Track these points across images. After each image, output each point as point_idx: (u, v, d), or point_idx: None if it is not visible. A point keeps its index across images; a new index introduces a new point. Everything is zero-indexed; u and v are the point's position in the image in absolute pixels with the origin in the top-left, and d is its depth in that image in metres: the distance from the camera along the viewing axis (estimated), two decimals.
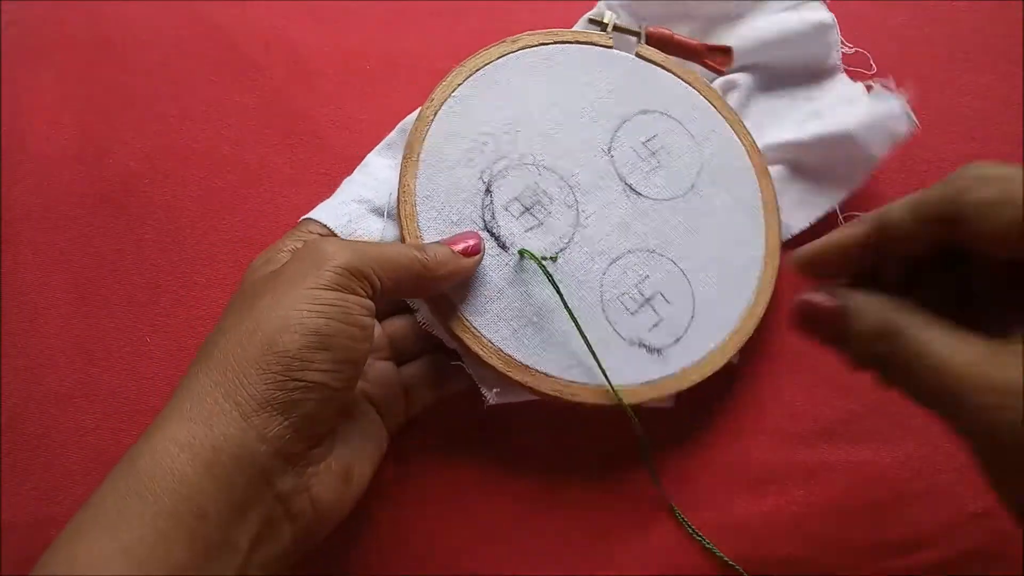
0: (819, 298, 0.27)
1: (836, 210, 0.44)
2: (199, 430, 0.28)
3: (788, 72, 0.46)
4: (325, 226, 0.38)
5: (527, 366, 0.37)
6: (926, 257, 0.27)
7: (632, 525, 0.39)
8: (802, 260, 0.28)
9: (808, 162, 0.44)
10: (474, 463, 0.40)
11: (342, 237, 0.38)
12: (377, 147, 0.43)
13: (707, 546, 0.38)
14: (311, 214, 0.39)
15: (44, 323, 0.42)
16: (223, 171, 0.45)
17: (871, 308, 0.26)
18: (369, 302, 0.32)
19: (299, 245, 0.36)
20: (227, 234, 0.44)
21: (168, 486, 0.27)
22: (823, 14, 0.45)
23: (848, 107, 0.45)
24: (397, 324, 0.39)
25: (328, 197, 0.45)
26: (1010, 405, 0.22)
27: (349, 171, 0.45)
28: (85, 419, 0.41)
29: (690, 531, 0.39)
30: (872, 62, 0.47)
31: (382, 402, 0.37)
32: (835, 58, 0.46)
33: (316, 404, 0.29)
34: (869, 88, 0.44)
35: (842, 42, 0.46)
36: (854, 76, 0.47)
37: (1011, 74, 0.47)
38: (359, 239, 0.39)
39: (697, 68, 0.45)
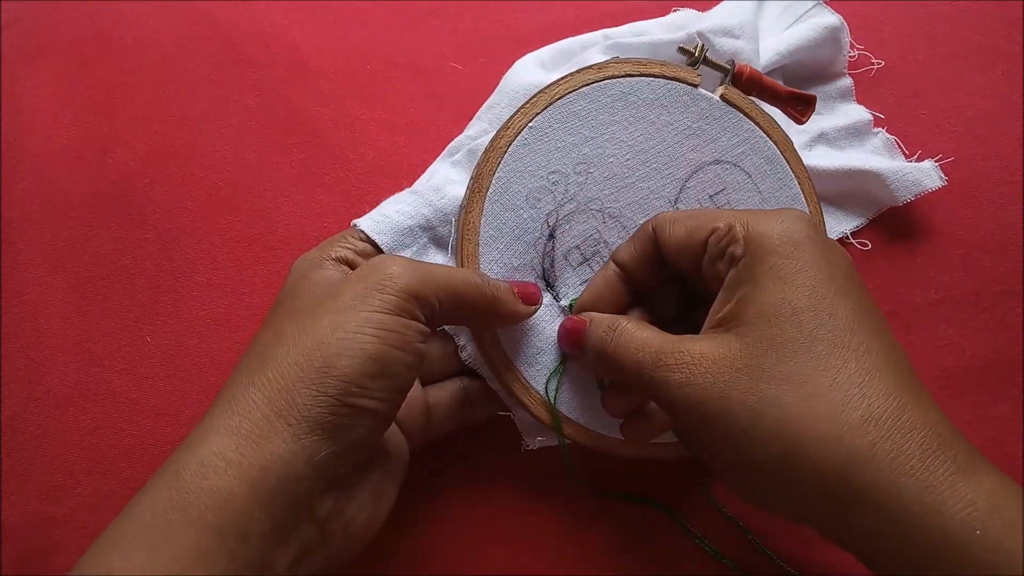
0: (573, 318, 0.36)
1: (847, 235, 0.44)
2: (247, 447, 0.27)
3: (797, 77, 0.46)
4: (375, 244, 0.37)
5: (571, 419, 0.37)
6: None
7: (633, 526, 0.40)
8: (582, 307, 0.36)
9: (823, 190, 0.44)
10: (475, 462, 0.40)
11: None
12: (443, 155, 0.41)
13: (750, 537, 0.39)
14: (365, 227, 0.37)
15: (44, 323, 0.42)
16: (223, 171, 0.45)
17: (603, 317, 0.34)
18: (426, 328, 0.31)
19: (348, 252, 0.36)
20: (227, 234, 0.44)
21: (212, 504, 0.26)
22: (831, 17, 0.45)
23: (859, 142, 0.45)
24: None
25: (327, 198, 0.45)
26: (684, 373, 0.29)
27: (349, 171, 0.45)
28: (85, 419, 0.41)
29: (727, 518, 0.39)
30: (873, 61, 0.47)
31: (406, 421, 0.36)
32: (841, 63, 0.46)
33: (365, 430, 0.29)
34: (873, 121, 0.45)
35: (851, 43, 0.46)
36: (854, 76, 0.47)
37: (1011, 74, 0.47)
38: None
39: (773, 111, 0.42)
